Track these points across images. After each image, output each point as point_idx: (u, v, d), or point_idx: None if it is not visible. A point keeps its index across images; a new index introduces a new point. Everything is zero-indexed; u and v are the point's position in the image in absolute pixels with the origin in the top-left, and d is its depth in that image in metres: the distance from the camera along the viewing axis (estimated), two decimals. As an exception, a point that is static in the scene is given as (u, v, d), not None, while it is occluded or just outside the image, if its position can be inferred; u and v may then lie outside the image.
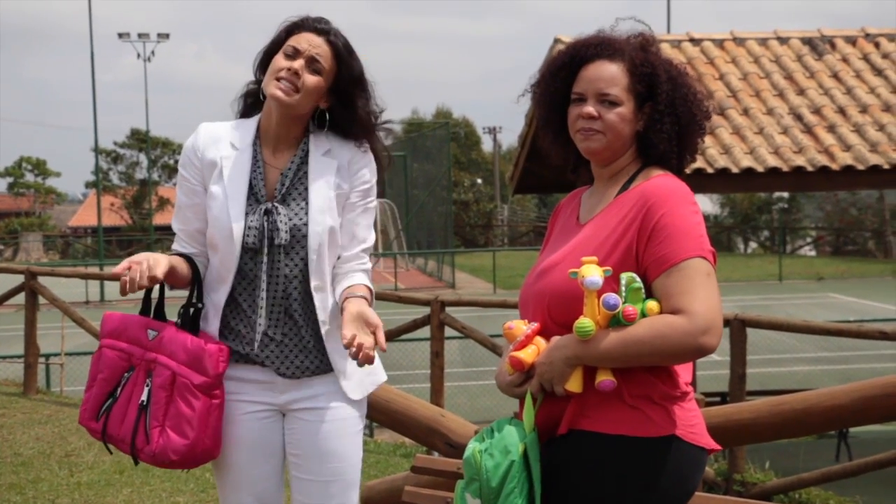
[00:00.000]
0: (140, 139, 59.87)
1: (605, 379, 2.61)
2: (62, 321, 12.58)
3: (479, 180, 60.88)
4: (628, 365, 2.62)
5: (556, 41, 12.38)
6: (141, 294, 3.19)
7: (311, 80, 3.19)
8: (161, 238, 52.80)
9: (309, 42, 3.20)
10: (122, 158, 62.37)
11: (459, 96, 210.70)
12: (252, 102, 3.36)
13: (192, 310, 3.23)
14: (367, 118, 3.29)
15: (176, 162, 66.49)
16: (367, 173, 3.30)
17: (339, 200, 3.25)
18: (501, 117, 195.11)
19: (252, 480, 3.27)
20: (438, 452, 4.51)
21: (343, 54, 3.23)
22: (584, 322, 2.58)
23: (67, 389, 12.61)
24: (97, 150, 44.91)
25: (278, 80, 3.16)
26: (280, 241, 3.18)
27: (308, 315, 3.22)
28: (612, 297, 2.57)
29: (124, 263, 2.99)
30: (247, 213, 3.19)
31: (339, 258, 3.25)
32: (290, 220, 3.19)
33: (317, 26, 3.23)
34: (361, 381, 3.30)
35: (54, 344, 13.71)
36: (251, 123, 3.30)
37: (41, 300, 11.56)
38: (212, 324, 3.23)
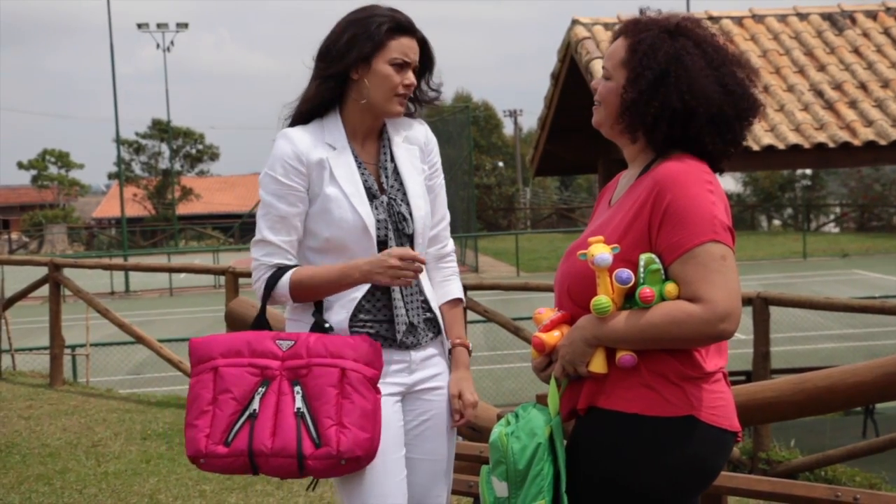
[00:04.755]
0: (161, 129, 60.14)
1: (625, 354, 2.63)
2: (87, 312, 12.62)
3: (501, 163, 60.77)
4: (645, 347, 2.62)
5: (574, 22, 12.35)
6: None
7: (411, 82, 3.23)
8: (184, 228, 52.97)
9: (411, 49, 3.21)
10: (144, 149, 62.64)
11: (479, 80, 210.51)
12: (313, 107, 3.24)
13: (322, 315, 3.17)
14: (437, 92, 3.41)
15: (198, 151, 66.60)
16: (437, 152, 3.42)
17: (425, 183, 3.35)
18: (521, 100, 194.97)
19: (395, 466, 3.14)
20: (462, 436, 4.52)
21: (428, 47, 3.30)
22: (601, 299, 2.61)
23: (93, 380, 12.69)
24: (119, 141, 45.05)
25: (397, 96, 3.20)
26: (409, 231, 3.22)
27: (421, 292, 3.26)
28: (624, 271, 2.59)
29: (398, 260, 3.03)
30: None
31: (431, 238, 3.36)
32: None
33: (414, 31, 3.23)
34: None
35: (79, 335, 13.77)
36: (335, 122, 3.24)
37: (66, 292, 11.61)
38: (340, 320, 3.17)
